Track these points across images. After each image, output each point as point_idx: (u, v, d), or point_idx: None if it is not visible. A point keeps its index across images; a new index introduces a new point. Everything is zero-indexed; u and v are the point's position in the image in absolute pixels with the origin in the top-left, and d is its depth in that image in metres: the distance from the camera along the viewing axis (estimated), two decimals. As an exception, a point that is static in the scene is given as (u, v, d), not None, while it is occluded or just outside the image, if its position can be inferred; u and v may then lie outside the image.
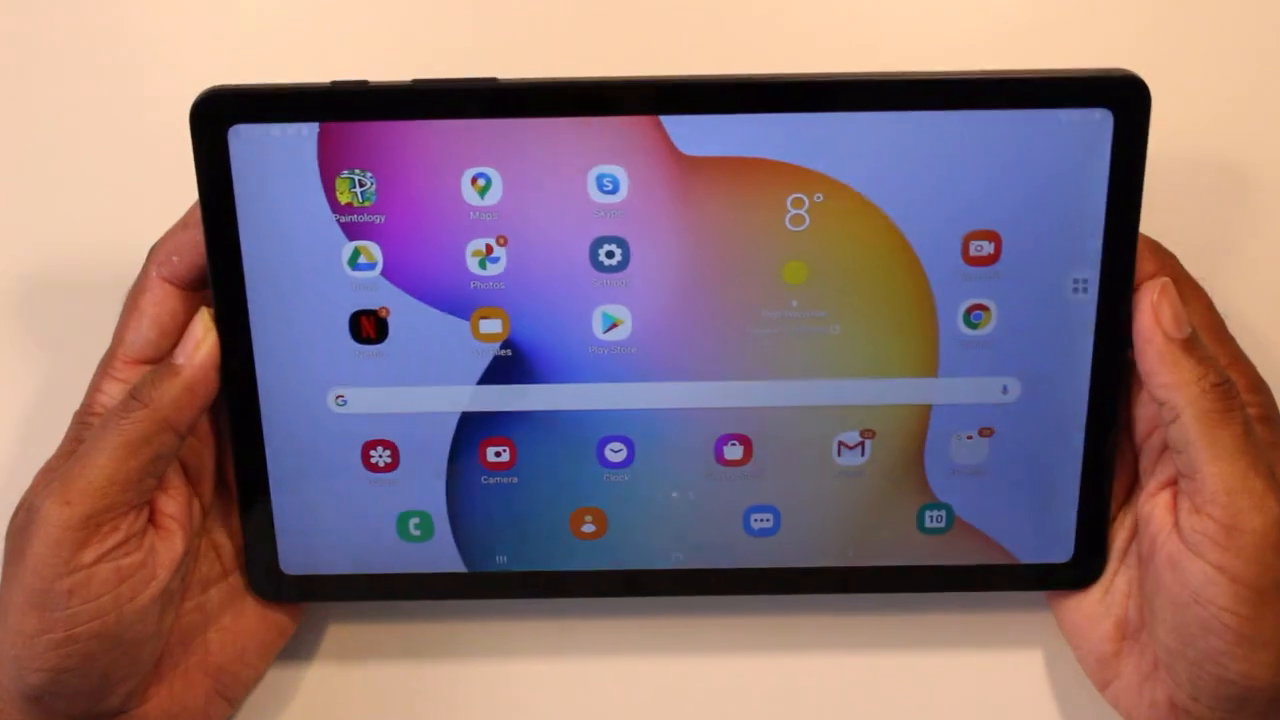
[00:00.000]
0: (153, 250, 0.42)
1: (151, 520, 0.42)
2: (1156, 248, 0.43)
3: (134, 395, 0.41)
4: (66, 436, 0.42)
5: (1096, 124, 0.41)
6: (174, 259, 0.42)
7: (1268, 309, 0.48)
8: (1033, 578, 0.46)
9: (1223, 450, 0.40)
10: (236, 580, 0.45)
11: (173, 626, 0.43)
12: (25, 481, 0.42)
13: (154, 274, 0.42)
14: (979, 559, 0.46)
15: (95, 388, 0.42)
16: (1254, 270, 0.48)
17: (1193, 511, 0.40)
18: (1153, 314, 0.41)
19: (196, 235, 0.41)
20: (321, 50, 0.47)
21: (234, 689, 0.45)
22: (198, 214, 0.41)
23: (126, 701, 0.42)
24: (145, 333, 0.42)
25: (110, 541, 0.40)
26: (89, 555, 0.40)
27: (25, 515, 0.40)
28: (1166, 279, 0.41)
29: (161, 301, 0.42)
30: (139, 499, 0.41)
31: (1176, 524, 0.41)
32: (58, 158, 0.48)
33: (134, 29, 0.47)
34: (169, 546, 0.42)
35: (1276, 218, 0.48)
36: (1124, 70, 0.40)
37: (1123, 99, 0.40)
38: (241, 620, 0.45)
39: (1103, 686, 0.45)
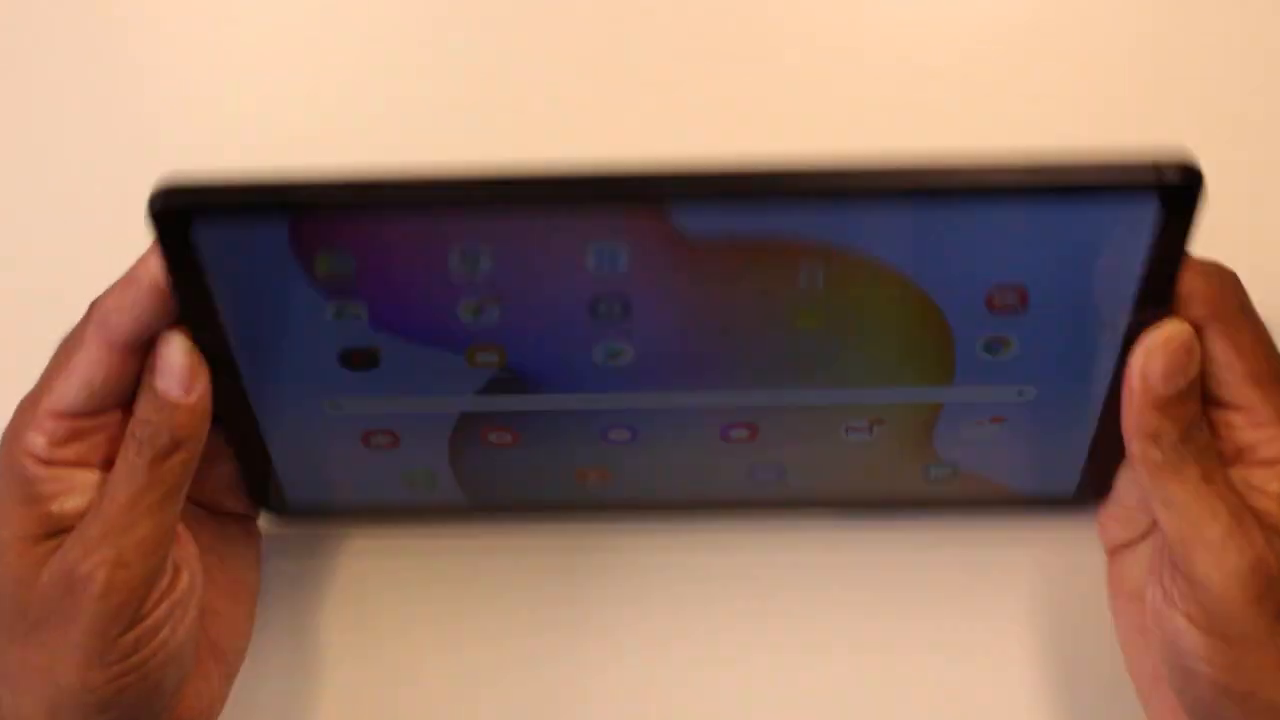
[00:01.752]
0: (93, 304, 0.39)
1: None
2: (1211, 276, 0.38)
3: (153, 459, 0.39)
4: None
5: (1141, 208, 0.36)
6: (112, 318, 0.38)
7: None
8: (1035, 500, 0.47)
9: (1173, 502, 0.39)
10: (208, 555, 0.44)
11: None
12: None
13: (90, 333, 0.39)
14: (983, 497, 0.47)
15: (18, 432, 0.39)
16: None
17: (1166, 561, 0.40)
18: (1141, 366, 0.38)
19: (137, 295, 0.38)
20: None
21: (235, 660, 0.45)
22: (141, 270, 0.38)
23: None
24: (74, 391, 0.39)
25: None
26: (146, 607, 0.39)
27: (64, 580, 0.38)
28: (1172, 332, 0.38)
29: (94, 363, 0.38)
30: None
31: (1160, 573, 0.41)
32: (58, 165, 0.47)
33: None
34: (192, 580, 0.42)
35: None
36: (1179, 155, 0.36)
37: (1173, 186, 0.36)
38: (220, 594, 0.45)
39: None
